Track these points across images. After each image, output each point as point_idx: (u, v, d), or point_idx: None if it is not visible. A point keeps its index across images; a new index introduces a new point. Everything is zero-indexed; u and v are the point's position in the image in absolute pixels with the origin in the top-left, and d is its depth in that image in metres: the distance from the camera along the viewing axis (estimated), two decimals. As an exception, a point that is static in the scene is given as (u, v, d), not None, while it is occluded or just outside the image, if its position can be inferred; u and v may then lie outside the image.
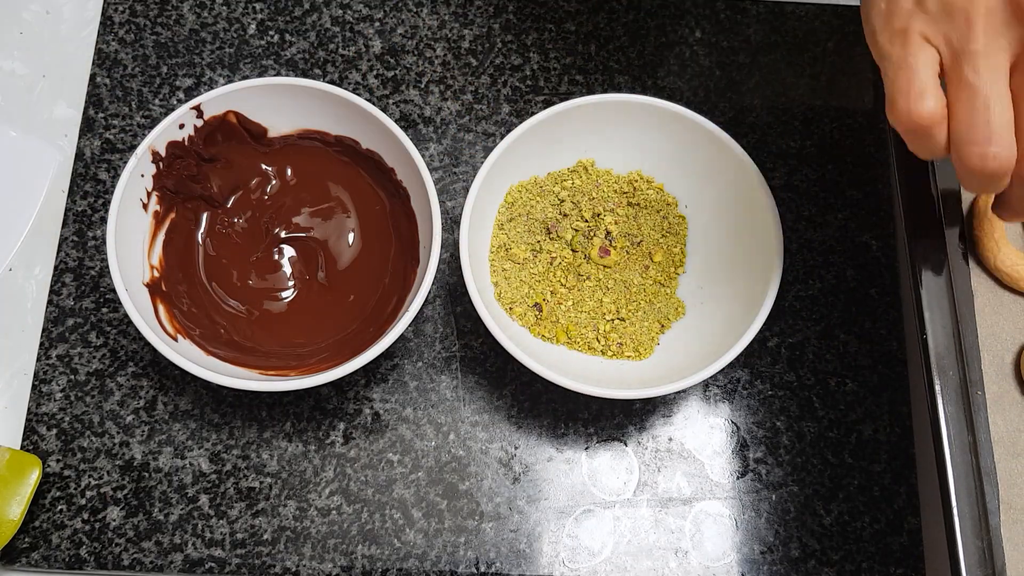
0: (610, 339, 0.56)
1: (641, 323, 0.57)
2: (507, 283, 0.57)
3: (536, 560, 0.54)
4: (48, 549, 0.54)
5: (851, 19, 0.67)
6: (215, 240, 0.58)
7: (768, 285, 0.53)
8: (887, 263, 0.61)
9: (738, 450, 0.57)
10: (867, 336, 0.60)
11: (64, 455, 0.56)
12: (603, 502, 0.56)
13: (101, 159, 0.62)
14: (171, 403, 0.57)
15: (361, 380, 0.58)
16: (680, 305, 0.58)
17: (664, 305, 0.57)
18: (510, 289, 0.57)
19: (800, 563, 0.55)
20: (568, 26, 0.66)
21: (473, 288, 0.52)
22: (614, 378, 0.54)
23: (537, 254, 0.58)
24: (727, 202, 0.57)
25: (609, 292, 0.57)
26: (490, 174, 0.55)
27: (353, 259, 0.58)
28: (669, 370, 0.54)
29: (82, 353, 0.58)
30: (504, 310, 0.56)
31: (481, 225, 0.56)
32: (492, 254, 0.57)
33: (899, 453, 0.57)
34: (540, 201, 0.59)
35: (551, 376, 0.51)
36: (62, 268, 0.60)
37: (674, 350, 0.56)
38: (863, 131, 0.64)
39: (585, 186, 0.59)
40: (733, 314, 0.54)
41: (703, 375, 0.51)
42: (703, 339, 0.55)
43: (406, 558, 0.54)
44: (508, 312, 0.56)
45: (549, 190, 0.59)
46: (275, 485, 0.55)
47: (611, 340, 0.56)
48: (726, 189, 0.57)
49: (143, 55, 0.65)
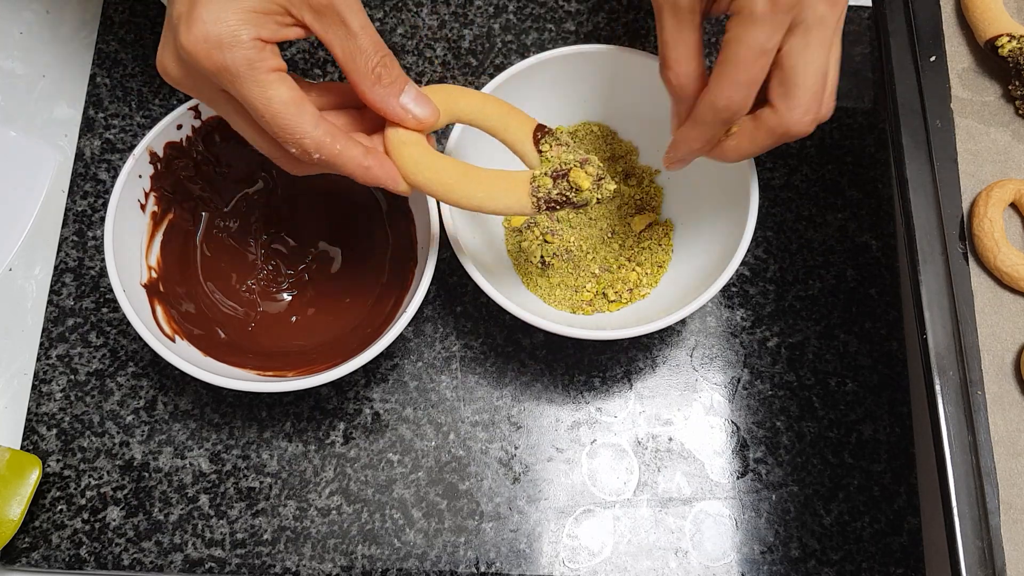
0: (602, 283, 0.57)
1: (629, 271, 0.57)
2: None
3: (536, 560, 0.54)
4: (48, 549, 0.54)
5: (851, 19, 0.67)
6: (213, 241, 0.58)
7: (746, 217, 0.52)
8: (887, 263, 0.61)
9: (738, 450, 0.57)
10: (867, 336, 0.59)
11: (64, 455, 0.56)
12: (603, 502, 0.56)
13: (101, 159, 0.62)
14: (171, 403, 0.57)
15: (361, 380, 0.58)
16: (665, 251, 0.58)
17: (650, 252, 0.58)
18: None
19: (800, 563, 0.55)
20: (568, 26, 0.66)
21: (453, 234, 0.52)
22: (605, 323, 0.55)
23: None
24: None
25: (593, 241, 0.58)
26: (461, 139, 0.55)
27: (351, 259, 0.58)
28: (659, 309, 0.54)
29: (82, 353, 0.58)
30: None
31: None
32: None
33: (899, 453, 0.57)
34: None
35: (529, 318, 0.50)
36: (62, 268, 0.60)
37: (660, 294, 0.57)
38: (863, 131, 0.64)
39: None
40: (714, 247, 0.55)
41: (697, 304, 0.51)
42: (692, 276, 0.55)
43: (406, 558, 0.54)
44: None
45: None
46: (275, 485, 0.55)
47: (603, 285, 0.57)
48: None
49: (143, 55, 0.65)
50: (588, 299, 0.57)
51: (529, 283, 0.58)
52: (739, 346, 0.59)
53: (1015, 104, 0.54)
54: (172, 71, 0.44)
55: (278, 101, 0.42)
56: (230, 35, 0.40)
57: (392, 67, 0.45)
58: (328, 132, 0.43)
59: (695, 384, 0.58)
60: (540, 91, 0.57)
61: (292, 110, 0.42)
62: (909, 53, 0.53)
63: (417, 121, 0.46)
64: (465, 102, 0.48)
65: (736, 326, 0.60)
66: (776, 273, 0.61)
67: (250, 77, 0.41)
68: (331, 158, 0.44)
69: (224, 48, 0.40)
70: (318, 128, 0.43)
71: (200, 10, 0.40)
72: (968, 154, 0.52)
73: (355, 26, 0.43)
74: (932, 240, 0.48)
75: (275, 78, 0.42)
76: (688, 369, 0.59)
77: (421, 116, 0.45)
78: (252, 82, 0.41)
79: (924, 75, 0.53)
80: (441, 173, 0.46)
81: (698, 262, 0.56)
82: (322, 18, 0.42)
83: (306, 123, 0.42)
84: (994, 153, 0.53)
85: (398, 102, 0.45)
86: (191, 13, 0.41)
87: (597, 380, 0.58)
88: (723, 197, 0.55)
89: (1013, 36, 0.53)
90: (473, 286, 0.59)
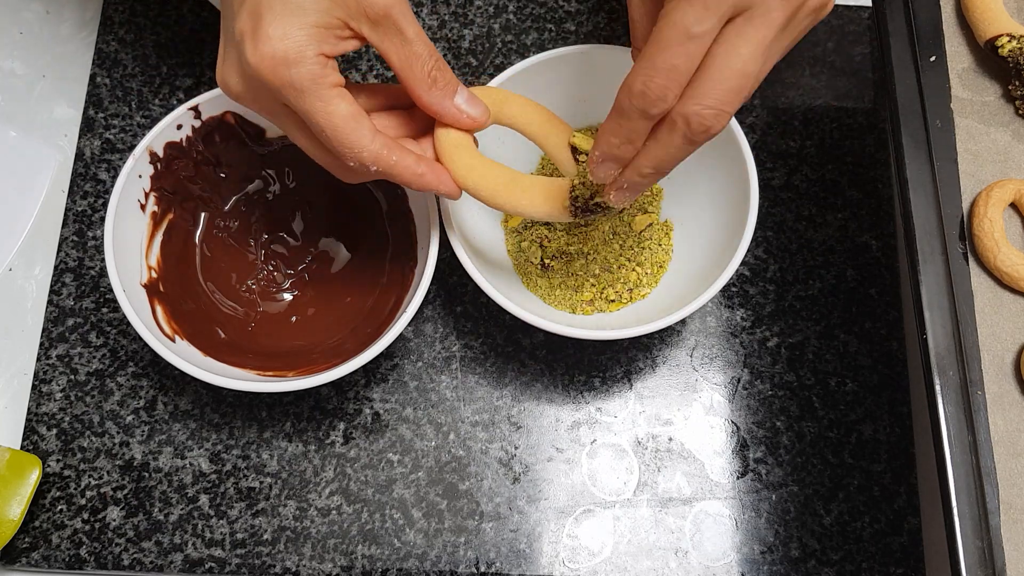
0: (602, 283, 0.57)
1: (629, 271, 0.57)
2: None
3: (536, 560, 0.54)
4: (48, 549, 0.54)
5: (851, 19, 0.67)
6: (213, 241, 0.58)
7: (747, 214, 0.52)
8: (887, 263, 0.61)
9: (738, 450, 0.57)
10: (867, 336, 0.59)
11: (64, 455, 0.56)
12: (603, 502, 0.56)
13: (101, 159, 0.62)
14: (171, 403, 0.57)
15: (361, 380, 0.58)
16: (665, 250, 0.58)
17: (650, 252, 0.58)
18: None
19: (800, 563, 0.55)
20: (568, 26, 0.66)
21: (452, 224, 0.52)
22: (606, 323, 0.55)
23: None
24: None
25: (592, 242, 0.58)
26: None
27: (351, 259, 0.58)
28: (660, 309, 0.54)
29: (82, 353, 0.58)
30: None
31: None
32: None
33: (899, 453, 0.57)
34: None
35: (529, 318, 0.50)
36: (62, 268, 0.60)
37: (660, 294, 0.57)
38: (863, 131, 0.64)
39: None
40: (715, 246, 0.55)
41: (697, 304, 0.51)
42: (692, 276, 0.55)
43: (406, 558, 0.54)
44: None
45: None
46: (275, 485, 0.55)
47: (603, 285, 0.57)
48: None
49: (143, 55, 0.65)
50: (588, 299, 0.57)
51: (529, 283, 0.58)
52: (739, 346, 0.59)
53: (1015, 104, 0.54)
54: (234, 86, 0.44)
55: (339, 116, 0.42)
56: (297, 51, 0.41)
57: (445, 70, 0.46)
58: (384, 144, 0.44)
59: (695, 384, 0.58)
60: (540, 91, 0.57)
61: (352, 124, 0.43)
62: (909, 53, 0.53)
63: (472, 120, 0.47)
64: (510, 105, 0.49)
65: (736, 326, 0.60)
66: (776, 273, 0.61)
67: (314, 92, 0.42)
68: (387, 168, 0.45)
69: (291, 64, 0.41)
70: (375, 141, 0.44)
71: (267, 27, 0.41)
72: (968, 154, 0.52)
73: (410, 33, 0.43)
74: (932, 240, 0.48)
75: (336, 93, 0.42)
76: (688, 369, 0.59)
77: (476, 115, 0.47)
78: (315, 97, 0.42)
79: (924, 75, 0.53)
80: (489, 178, 0.47)
81: (698, 262, 0.56)
82: (379, 28, 0.43)
83: (364, 137, 0.43)
84: (994, 153, 0.53)
85: (453, 103, 0.46)
86: (257, 30, 0.41)
87: (597, 380, 0.58)
88: (723, 197, 0.55)
89: (1013, 36, 0.53)
90: (473, 286, 0.59)
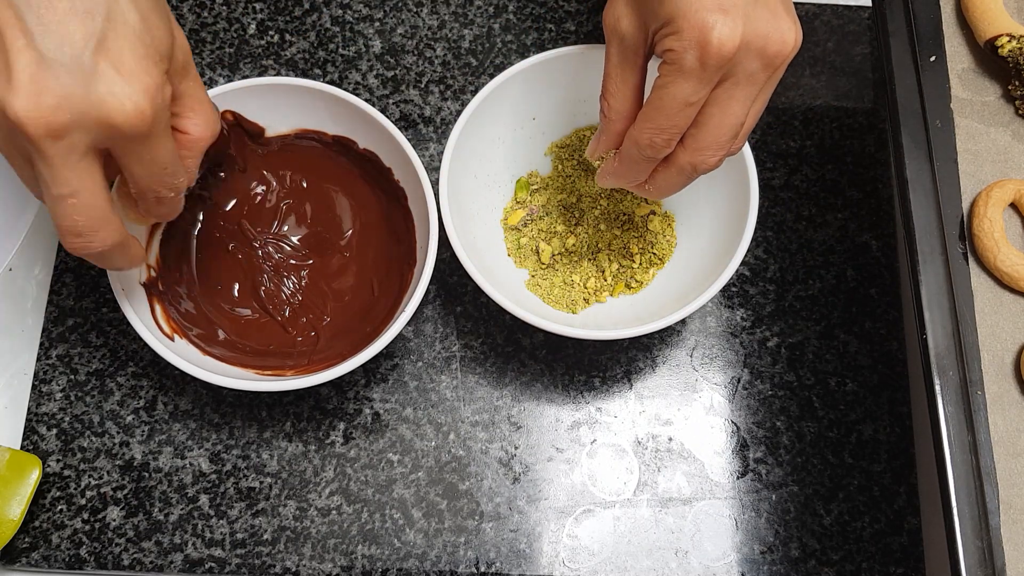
0: (601, 279, 0.57)
1: (629, 268, 0.58)
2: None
3: (536, 560, 0.54)
4: (48, 549, 0.54)
5: (851, 19, 0.67)
6: (212, 241, 0.58)
7: (747, 214, 0.53)
8: (887, 263, 0.61)
9: (738, 450, 0.57)
10: (867, 336, 0.59)
11: (64, 455, 0.56)
12: (603, 502, 0.56)
13: (101, 159, 0.62)
14: (171, 403, 0.57)
15: (361, 380, 0.58)
16: (668, 245, 0.58)
17: (651, 248, 0.58)
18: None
19: (800, 563, 0.55)
20: (568, 26, 0.66)
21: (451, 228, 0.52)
22: (606, 323, 0.55)
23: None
24: None
25: (591, 235, 0.58)
26: (462, 136, 0.55)
27: (350, 259, 0.58)
28: (660, 309, 0.54)
29: (82, 353, 0.58)
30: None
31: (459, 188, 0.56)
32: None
33: (899, 453, 0.57)
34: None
35: (529, 318, 0.50)
36: (62, 268, 0.60)
37: (660, 293, 0.57)
38: (863, 131, 0.64)
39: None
40: (716, 243, 0.55)
41: (697, 303, 0.51)
42: (692, 275, 0.55)
43: (406, 558, 0.54)
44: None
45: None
46: (275, 485, 0.55)
47: (601, 281, 0.57)
48: None
49: (143, 55, 0.65)
50: (593, 290, 0.57)
51: (529, 283, 0.58)
52: (739, 346, 0.59)
53: (1015, 104, 0.54)
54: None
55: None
56: None
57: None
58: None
59: (695, 384, 0.58)
60: (540, 91, 0.57)
61: None
62: (909, 53, 0.53)
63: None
64: None
65: (736, 326, 0.60)
66: (776, 273, 0.61)
67: None
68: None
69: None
70: None
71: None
72: (968, 154, 0.52)
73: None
74: (932, 240, 0.48)
75: None
76: (688, 369, 0.59)
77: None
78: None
79: (924, 75, 0.53)
80: None
81: (698, 262, 0.56)
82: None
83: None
84: (994, 153, 0.53)
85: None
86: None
87: (597, 380, 0.58)
88: (723, 197, 0.55)
89: (1013, 36, 0.53)
90: (473, 286, 0.59)
